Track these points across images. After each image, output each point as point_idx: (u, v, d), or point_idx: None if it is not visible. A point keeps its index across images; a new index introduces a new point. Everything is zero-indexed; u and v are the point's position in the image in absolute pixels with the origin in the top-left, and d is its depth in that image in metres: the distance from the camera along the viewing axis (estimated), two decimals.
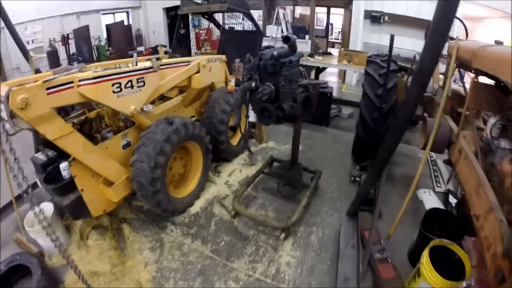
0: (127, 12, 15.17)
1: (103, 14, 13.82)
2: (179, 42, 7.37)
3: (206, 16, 7.12)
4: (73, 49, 10.98)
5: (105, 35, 12.57)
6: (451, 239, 2.64)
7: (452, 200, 4.10)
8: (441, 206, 4.20)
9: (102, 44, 11.05)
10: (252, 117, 4.05)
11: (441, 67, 6.01)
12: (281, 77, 2.99)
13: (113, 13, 14.40)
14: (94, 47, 10.86)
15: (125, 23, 14.83)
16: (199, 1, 6.63)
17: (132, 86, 3.44)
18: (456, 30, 6.70)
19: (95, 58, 10.83)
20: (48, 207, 3.52)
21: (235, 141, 5.37)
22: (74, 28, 10.95)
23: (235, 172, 5.15)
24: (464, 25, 4.86)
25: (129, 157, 3.62)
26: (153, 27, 15.24)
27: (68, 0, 11.95)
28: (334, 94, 8.70)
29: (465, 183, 2.79)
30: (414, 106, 2.45)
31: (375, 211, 3.67)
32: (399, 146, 4.86)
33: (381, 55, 5.14)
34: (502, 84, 2.77)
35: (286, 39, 2.62)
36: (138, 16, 15.42)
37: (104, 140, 3.69)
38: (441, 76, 5.76)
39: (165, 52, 7.40)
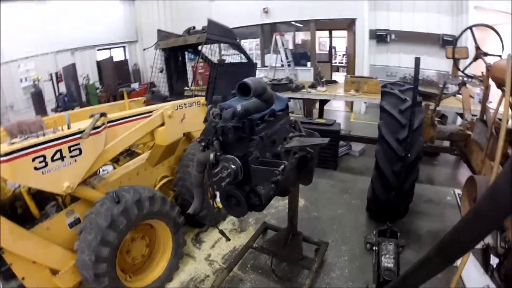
0: (124, 47, 14.79)
1: (98, 50, 13.45)
2: (177, 79, 6.57)
3: (190, 50, 6.31)
4: (63, 89, 10.41)
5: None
6: None
7: (494, 260, 2.97)
8: (481, 270, 3.16)
9: (91, 83, 10.39)
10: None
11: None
12: (254, 143, 1.98)
13: (109, 49, 14.03)
14: (83, 86, 10.20)
15: (122, 58, 14.42)
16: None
17: (62, 158, 2.69)
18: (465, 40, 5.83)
19: (83, 98, 10.18)
20: None
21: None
22: (63, 66, 10.41)
23: (221, 241, 4.11)
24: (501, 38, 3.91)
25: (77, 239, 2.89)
26: (151, 61, 14.74)
27: (63, 35, 11.64)
28: (342, 124, 7.76)
29: None
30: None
31: None
32: (421, 188, 3.77)
33: (399, 83, 4.12)
34: None
35: (243, 90, 1.65)
36: (135, 51, 15.02)
37: (46, 218, 2.96)
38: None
39: (152, 93, 6.62)
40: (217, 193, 2.26)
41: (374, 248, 3.73)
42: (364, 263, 3.65)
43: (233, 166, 1.88)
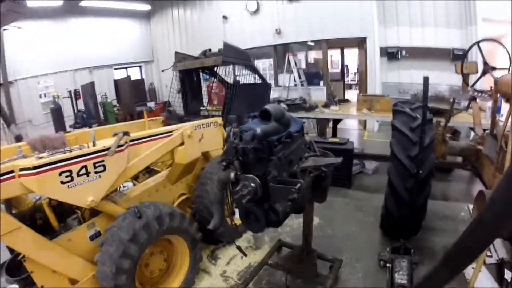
0: (140, 67, 15.28)
1: (115, 69, 13.93)
2: (192, 99, 6.80)
3: (207, 71, 6.55)
4: (81, 105, 10.81)
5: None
6: None
7: (508, 274, 3.01)
8: (495, 285, 3.12)
9: (108, 101, 10.75)
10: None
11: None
12: (272, 163, 2.09)
13: (126, 68, 14.52)
14: (100, 104, 10.56)
15: (138, 77, 14.87)
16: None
17: (87, 173, 2.80)
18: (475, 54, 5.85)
19: (101, 115, 10.53)
20: None
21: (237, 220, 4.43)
22: (82, 84, 10.85)
23: (236, 258, 4.17)
24: (508, 52, 3.97)
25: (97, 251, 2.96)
26: (166, 81, 15.17)
27: (81, 54, 12.15)
28: (355, 143, 7.79)
29: None
30: None
31: None
32: (435, 204, 3.71)
33: (409, 102, 4.19)
34: None
35: (264, 115, 1.77)
36: (151, 70, 15.48)
37: (68, 229, 3.09)
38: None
39: (169, 112, 6.84)
40: (236, 210, 2.37)
41: (387, 265, 3.73)
42: (378, 280, 3.63)
43: (253, 185, 1.99)
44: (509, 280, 2.87)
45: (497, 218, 1.29)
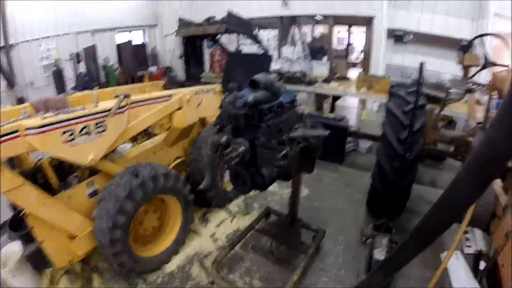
0: (144, 30, 15.00)
1: (118, 32, 13.70)
2: (194, 65, 6.81)
3: (209, 38, 6.54)
4: (83, 68, 10.77)
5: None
6: None
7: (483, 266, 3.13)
8: (470, 274, 3.26)
9: (109, 64, 10.70)
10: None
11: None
12: (262, 130, 2.22)
13: (129, 31, 14.26)
14: (103, 67, 10.54)
15: (141, 41, 14.64)
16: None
17: (89, 133, 2.93)
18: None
19: (102, 79, 10.52)
20: (17, 248, 3.27)
21: (229, 185, 4.61)
22: (84, 47, 10.74)
23: (226, 222, 4.40)
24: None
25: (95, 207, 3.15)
26: (170, 46, 14.93)
27: (84, 17, 11.90)
28: (352, 121, 7.86)
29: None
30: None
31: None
32: (423, 190, 3.70)
33: (406, 85, 4.24)
34: None
35: (253, 84, 1.88)
36: (154, 35, 15.21)
37: (68, 187, 3.25)
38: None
39: (170, 77, 6.87)
40: (226, 174, 2.53)
41: (368, 240, 3.94)
42: (358, 254, 3.83)
43: (241, 149, 2.13)
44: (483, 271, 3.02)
45: (459, 199, 1.44)
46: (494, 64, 4.35)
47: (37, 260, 3.16)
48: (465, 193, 1.37)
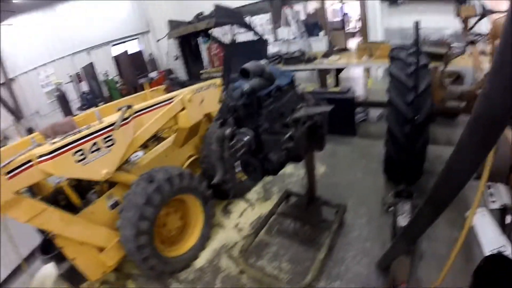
0: (138, 38, 15.04)
1: (113, 45, 13.77)
2: (193, 63, 6.82)
3: (202, 34, 6.51)
4: (85, 87, 10.91)
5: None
6: None
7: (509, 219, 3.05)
8: (498, 230, 3.20)
9: (110, 78, 10.80)
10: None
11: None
12: (263, 116, 2.23)
13: (124, 42, 14.32)
14: (104, 82, 10.66)
15: (136, 49, 14.69)
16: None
17: (98, 149, 3.02)
18: None
19: (105, 94, 10.64)
20: (51, 269, 3.47)
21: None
22: (83, 66, 10.86)
23: (247, 210, 4.47)
24: None
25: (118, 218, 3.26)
26: (165, 49, 14.94)
27: (76, 37, 11.96)
28: (359, 91, 7.72)
29: None
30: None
31: (414, 252, 2.91)
32: (438, 149, 3.41)
33: (405, 47, 4.12)
34: None
35: (244, 74, 1.88)
36: (148, 41, 15.24)
37: (89, 204, 3.36)
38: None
39: (171, 80, 6.92)
40: (237, 165, 2.55)
41: (391, 208, 3.90)
42: (382, 223, 3.78)
43: (246, 138, 2.15)
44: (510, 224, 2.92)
45: (466, 161, 1.41)
46: (492, 12, 4.17)
47: (72, 277, 3.29)
48: (471, 158, 1.34)
